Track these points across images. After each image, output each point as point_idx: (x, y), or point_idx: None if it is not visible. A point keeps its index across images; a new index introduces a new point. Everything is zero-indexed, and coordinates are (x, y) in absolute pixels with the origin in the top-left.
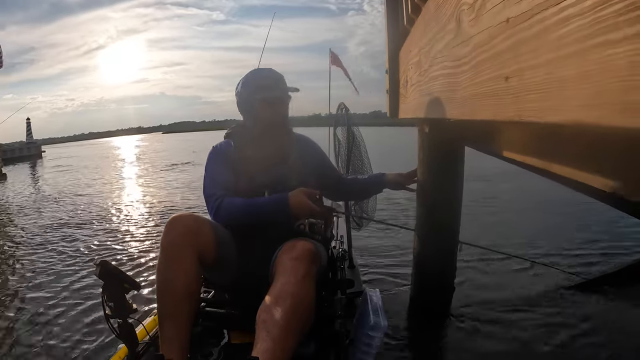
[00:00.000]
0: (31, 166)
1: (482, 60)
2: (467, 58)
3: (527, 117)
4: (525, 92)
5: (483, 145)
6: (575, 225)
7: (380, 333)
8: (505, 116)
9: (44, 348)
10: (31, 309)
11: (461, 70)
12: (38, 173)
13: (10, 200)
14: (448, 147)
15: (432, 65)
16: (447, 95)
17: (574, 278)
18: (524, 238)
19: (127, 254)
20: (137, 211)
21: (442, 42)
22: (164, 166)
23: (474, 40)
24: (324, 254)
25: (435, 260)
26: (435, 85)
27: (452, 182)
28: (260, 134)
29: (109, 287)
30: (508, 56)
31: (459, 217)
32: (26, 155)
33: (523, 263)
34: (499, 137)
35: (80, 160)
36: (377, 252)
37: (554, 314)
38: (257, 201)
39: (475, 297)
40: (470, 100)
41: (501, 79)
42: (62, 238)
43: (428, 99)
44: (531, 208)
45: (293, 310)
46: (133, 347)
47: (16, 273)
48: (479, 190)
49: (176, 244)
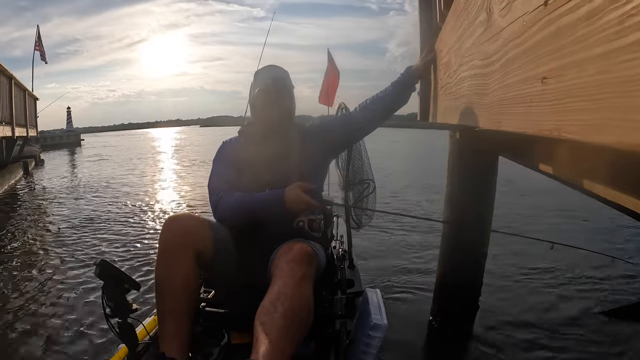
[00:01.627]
0: (69, 153)
1: (513, 57)
2: (496, 55)
3: (568, 134)
4: (568, 99)
5: (519, 156)
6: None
7: (380, 333)
8: (537, 129)
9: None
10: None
11: (490, 70)
12: (74, 161)
13: (45, 185)
14: (480, 156)
15: (461, 64)
16: (475, 100)
17: (605, 303)
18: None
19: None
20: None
21: (471, 38)
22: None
23: (504, 33)
24: (322, 254)
25: (460, 277)
26: (463, 87)
27: (482, 195)
28: (263, 130)
29: (109, 287)
30: (545, 50)
31: (488, 233)
32: (65, 142)
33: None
34: (537, 149)
35: (118, 150)
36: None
37: (584, 341)
38: (254, 196)
39: (500, 318)
40: (498, 106)
41: (536, 81)
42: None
43: (456, 104)
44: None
45: (291, 313)
46: (133, 347)
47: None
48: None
49: (174, 244)
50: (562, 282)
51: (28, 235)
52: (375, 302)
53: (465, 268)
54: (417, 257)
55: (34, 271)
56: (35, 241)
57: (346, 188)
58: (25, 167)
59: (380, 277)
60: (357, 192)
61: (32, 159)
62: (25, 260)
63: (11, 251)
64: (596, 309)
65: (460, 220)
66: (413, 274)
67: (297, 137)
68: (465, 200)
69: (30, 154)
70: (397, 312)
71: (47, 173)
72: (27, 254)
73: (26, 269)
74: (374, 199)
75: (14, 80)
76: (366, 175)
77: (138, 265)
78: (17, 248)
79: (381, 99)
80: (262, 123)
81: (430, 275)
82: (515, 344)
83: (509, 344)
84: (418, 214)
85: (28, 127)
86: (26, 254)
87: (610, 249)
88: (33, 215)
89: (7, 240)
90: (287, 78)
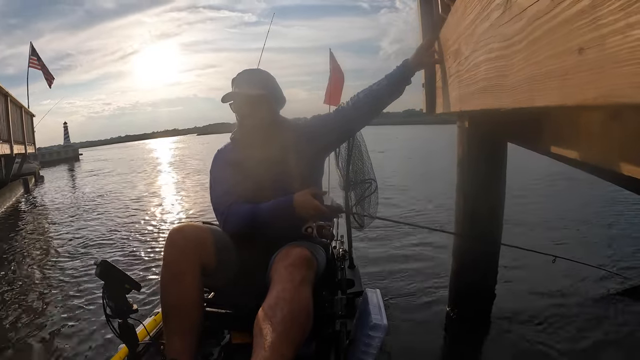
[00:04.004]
0: (69, 169)
1: (542, 34)
2: (520, 35)
3: (619, 98)
4: (612, 64)
5: (529, 141)
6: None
7: (380, 333)
8: (580, 99)
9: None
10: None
11: (513, 50)
12: (74, 175)
13: (45, 202)
14: (490, 143)
15: (475, 50)
16: (495, 82)
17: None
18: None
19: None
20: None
21: (486, 22)
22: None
23: (529, 12)
24: (322, 256)
25: (475, 265)
26: (479, 72)
27: (494, 181)
28: (247, 133)
29: (110, 287)
30: (580, 23)
31: (501, 219)
32: (64, 157)
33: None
34: (551, 131)
35: (115, 163)
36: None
37: (605, 320)
38: (262, 207)
39: (517, 304)
40: (527, 84)
41: (571, 53)
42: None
43: (471, 89)
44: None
45: (291, 318)
46: (133, 347)
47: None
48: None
49: (179, 261)
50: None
51: (29, 252)
52: (375, 302)
53: (480, 261)
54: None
55: (35, 273)
56: (36, 257)
57: (347, 188)
58: (25, 184)
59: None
60: (359, 192)
61: (32, 176)
62: (25, 268)
63: (14, 262)
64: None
65: (472, 207)
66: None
67: (291, 136)
68: (477, 185)
69: (29, 171)
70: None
71: (47, 190)
72: (29, 266)
73: (26, 273)
74: (376, 199)
75: (9, 97)
76: (367, 175)
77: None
78: (20, 261)
79: (375, 91)
80: (248, 131)
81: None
82: (534, 330)
83: (527, 330)
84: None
85: (26, 144)
86: (27, 266)
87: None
88: (35, 234)
89: (9, 255)
90: (266, 81)
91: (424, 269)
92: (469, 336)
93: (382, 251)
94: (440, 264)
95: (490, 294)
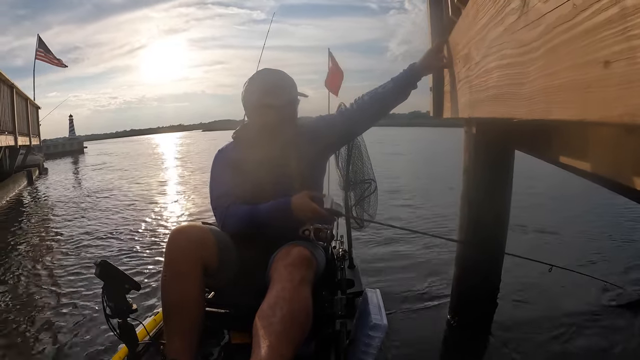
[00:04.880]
0: (73, 161)
1: (562, 42)
2: (537, 42)
3: None
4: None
5: (536, 150)
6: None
7: (380, 333)
8: (602, 115)
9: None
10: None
11: (529, 58)
12: (78, 169)
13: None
14: (497, 150)
15: (486, 55)
16: (508, 90)
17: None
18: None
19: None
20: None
21: (500, 27)
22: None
23: (548, 19)
24: (321, 256)
25: (478, 272)
26: (490, 79)
27: (500, 188)
28: (259, 136)
29: (110, 287)
30: (607, 33)
31: (506, 227)
32: (68, 150)
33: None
34: (561, 140)
35: (120, 157)
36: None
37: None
38: (261, 208)
39: (519, 313)
40: (544, 94)
41: (595, 65)
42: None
43: (481, 96)
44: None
45: (290, 317)
46: (133, 347)
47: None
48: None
49: (180, 261)
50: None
51: (28, 245)
52: (375, 302)
53: (482, 267)
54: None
55: (34, 267)
56: (38, 252)
57: (346, 188)
58: (29, 176)
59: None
60: (358, 192)
61: (36, 168)
62: (27, 263)
63: (16, 257)
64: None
65: (477, 214)
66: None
67: (295, 137)
68: (482, 192)
69: (33, 163)
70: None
71: (51, 182)
72: (31, 261)
73: (28, 272)
74: (375, 199)
75: (15, 89)
76: (367, 175)
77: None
78: (22, 256)
79: (380, 94)
80: (260, 129)
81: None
82: (536, 341)
83: (529, 340)
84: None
85: (31, 135)
86: (30, 261)
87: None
88: (37, 226)
89: (11, 248)
90: (287, 83)
91: (425, 273)
92: (469, 344)
93: (384, 252)
94: (442, 270)
95: (492, 302)
